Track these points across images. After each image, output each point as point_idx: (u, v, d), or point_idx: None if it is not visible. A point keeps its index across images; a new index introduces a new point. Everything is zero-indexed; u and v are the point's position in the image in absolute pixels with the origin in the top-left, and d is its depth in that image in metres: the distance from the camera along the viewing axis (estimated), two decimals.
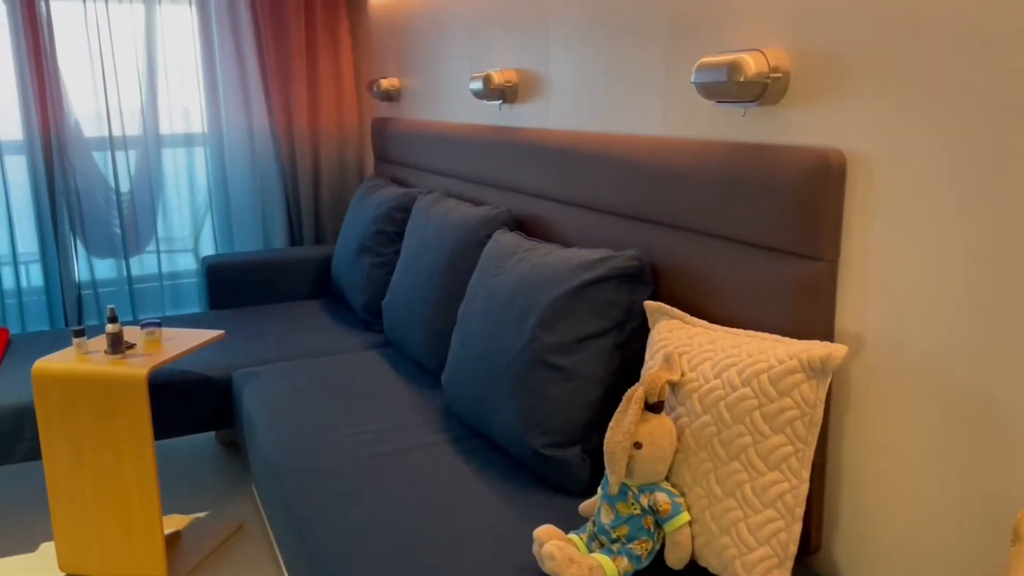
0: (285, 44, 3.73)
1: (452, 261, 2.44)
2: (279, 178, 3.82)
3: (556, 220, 2.28)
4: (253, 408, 2.36)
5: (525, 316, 1.88)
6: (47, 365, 2.25)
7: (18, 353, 2.84)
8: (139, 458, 2.24)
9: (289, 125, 3.84)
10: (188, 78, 3.68)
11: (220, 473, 3.00)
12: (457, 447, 2.03)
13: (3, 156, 3.35)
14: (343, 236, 3.33)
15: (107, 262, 3.65)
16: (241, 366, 2.73)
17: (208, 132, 3.72)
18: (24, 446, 2.46)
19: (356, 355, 2.76)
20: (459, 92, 2.94)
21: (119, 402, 2.22)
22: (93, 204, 3.54)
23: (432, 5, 3.07)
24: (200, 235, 3.91)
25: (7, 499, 2.82)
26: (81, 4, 3.39)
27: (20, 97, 3.33)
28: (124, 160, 3.57)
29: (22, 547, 2.53)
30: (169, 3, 3.56)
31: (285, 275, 3.56)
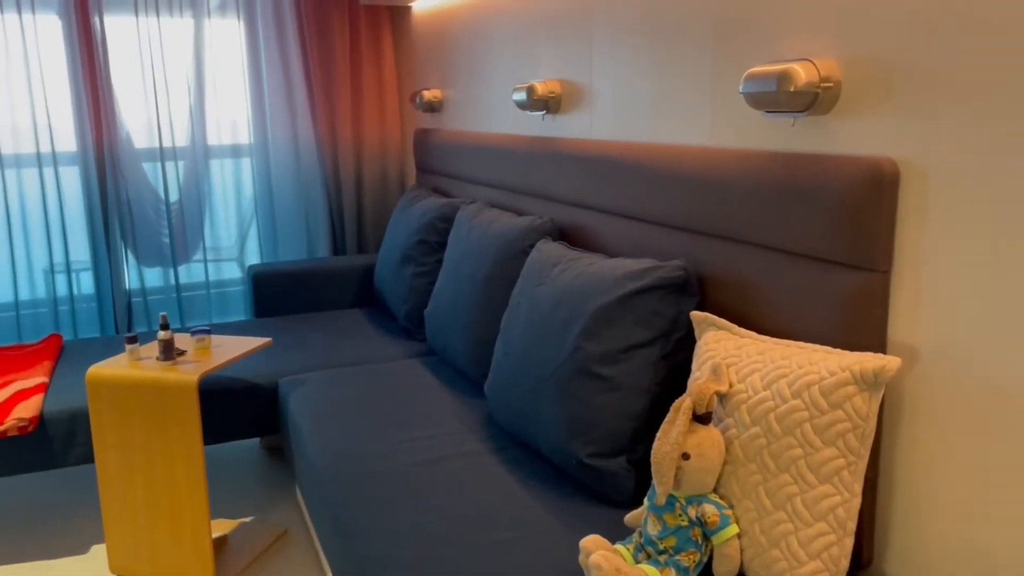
0: (330, 57, 3.79)
1: (495, 271, 2.45)
2: (323, 188, 3.88)
3: (599, 230, 2.29)
4: (299, 415, 2.39)
5: (569, 326, 1.88)
6: (101, 371, 2.31)
7: (71, 359, 2.92)
8: (189, 463, 2.29)
9: (333, 136, 3.89)
10: (236, 90, 3.75)
11: (264, 479, 3.05)
12: (500, 456, 2.04)
13: (58, 167, 3.45)
14: (386, 246, 3.37)
15: (155, 270, 3.73)
16: (287, 373, 2.77)
17: (254, 143, 3.79)
18: (78, 450, 2.52)
19: (399, 363, 2.78)
20: (502, 103, 2.96)
21: (170, 407, 2.26)
22: (143, 214, 3.63)
23: (476, 17, 3.10)
24: (245, 244, 3.98)
25: (60, 501, 2.89)
26: (134, 18, 3.48)
27: (75, 110, 3.42)
28: (173, 171, 3.65)
29: (73, 549, 2.59)
30: (218, 17, 3.65)
31: (328, 284, 3.60)
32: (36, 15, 3.31)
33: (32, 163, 3.41)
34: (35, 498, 2.92)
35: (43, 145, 3.40)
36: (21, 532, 2.69)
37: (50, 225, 3.47)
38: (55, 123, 3.42)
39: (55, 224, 3.48)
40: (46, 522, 2.75)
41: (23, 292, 3.49)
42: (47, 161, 3.43)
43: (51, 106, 3.40)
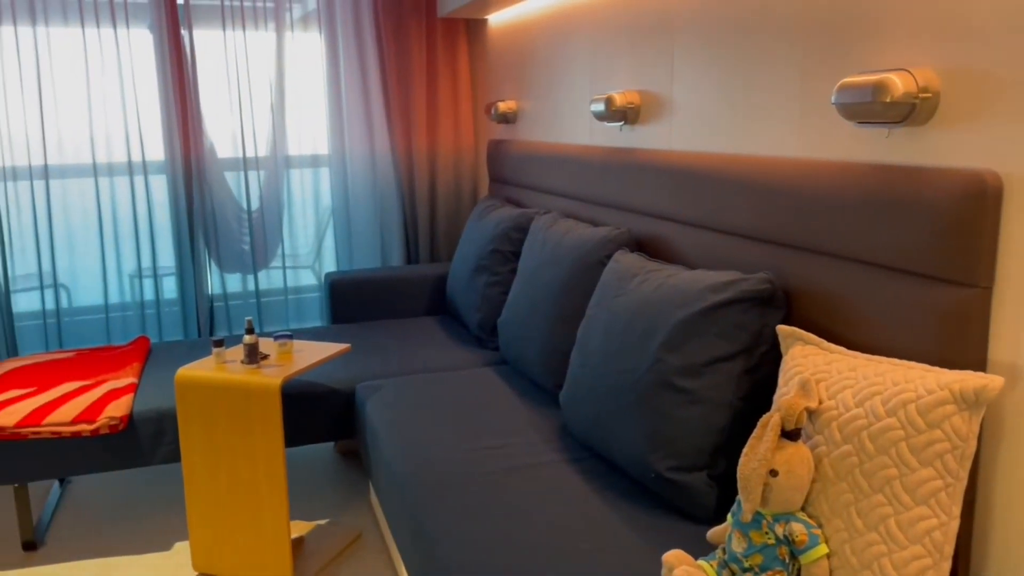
0: (407, 70, 3.86)
1: (571, 281, 2.45)
2: (398, 198, 3.94)
3: (678, 241, 2.27)
4: (376, 419, 2.43)
5: (649, 337, 1.87)
6: (189, 373, 2.39)
7: (158, 360, 3.03)
8: (271, 464, 2.34)
9: (408, 147, 3.96)
10: (316, 102, 3.85)
11: (338, 482, 3.10)
12: (576, 467, 2.04)
13: (148, 176, 3.59)
14: (459, 255, 3.40)
15: (235, 276, 3.85)
16: (363, 379, 2.82)
17: (332, 153, 3.88)
18: (164, 449, 2.61)
19: (472, 372, 2.81)
20: (578, 114, 2.96)
21: (254, 410, 2.33)
22: (225, 222, 3.74)
23: (553, 29, 3.12)
24: (320, 252, 4.07)
25: (146, 499, 3.00)
26: (221, 32, 3.61)
27: (163, 121, 3.56)
28: (254, 180, 3.76)
29: (158, 545, 2.68)
30: (301, 31, 3.75)
31: (402, 292, 3.66)
32: (130, 30, 3.46)
33: (124, 171, 3.56)
34: (123, 495, 3.03)
35: (134, 154, 3.55)
36: (109, 527, 2.80)
37: (139, 231, 3.61)
38: (145, 133, 3.56)
39: (144, 231, 3.62)
40: (133, 518, 2.86)
41: (112, 295, 3.63)
42: (137, 170, 3.57)
43: (142, 117, 3.54)
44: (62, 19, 3.39)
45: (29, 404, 2.55)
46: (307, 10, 3.77)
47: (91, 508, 2.92)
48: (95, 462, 2.56)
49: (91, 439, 2.53)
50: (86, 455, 2.55)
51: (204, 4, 3.57)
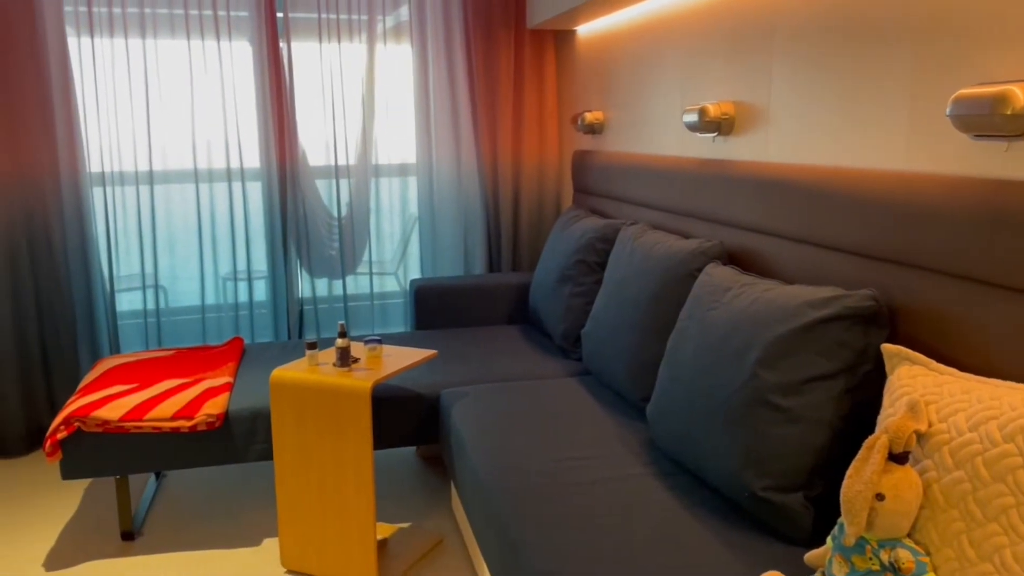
0: (494, 80, 3.90)
1: (659, 293, 2.43)
2: (482, 207, 3.98)
3: (774, 255, 2.22)
4: (462, 426, 2.45)
5: (744, 353, 1.84)
6: (283, 374, 2.46)
7: (252, 361, 3.12)
8: (359, 466, 2.39)
9: (494, 157, 3.99)
10: (405, 112, 3.93)
11: (420, 487, 3.14)
12: (665, 482, 2.01)
13: (245, 183, 3.72)
14: (542, 265, 3.41)
15: (322, 281, 3.95)
16: (448, 385, 2.85)
17: (419, 163, 3.94)
18: (257, 447, 2.69)
19: (556, 381, 2.80)
20: (668, 124, 2.94)
21: (345, 412, 2.38)
22: (315, 228, 3.85)
23: (643, 39, 3.11)
24: (406, 259, 4.15)
25: (237, 495, 3.09)
26: (317, 44, 3.72)
27: (260, 129, 3.68)
28: (343, 188, 3.86)
29: (247, 541, 2.76)
30: (393, 43, 3.83)
31: (484, 300, 3.69)
32: (232, 42, 3.60)
33: (222, 178, 3.70)
34: (216, 490, 3.13)
35: (232, 161, 3.68)
36: (202, 521, 2.89)
37: (235, 236, 3.74)
38: (243, 141, 3.69)
39: (239, 235, 3.75)
40: (224, 514, 2.95)
41: (208, 297, 3.77)
42: (235, 176, 3.70)
43: (241, 126, 3.67)
44: (169, 32, 3.55)
45: (132, 400, 2.66)
46: (399, 21, 3.85)
47: (185, 502, 3.03)
48: (191, 457, 2.66)
49: (188, 435, 2.63)
50: (183, 450, 2.65)
51: (302, 17, 3.69)
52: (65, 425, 2.53)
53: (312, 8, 3.68)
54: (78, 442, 2.56)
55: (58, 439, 2.52)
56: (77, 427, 2.53)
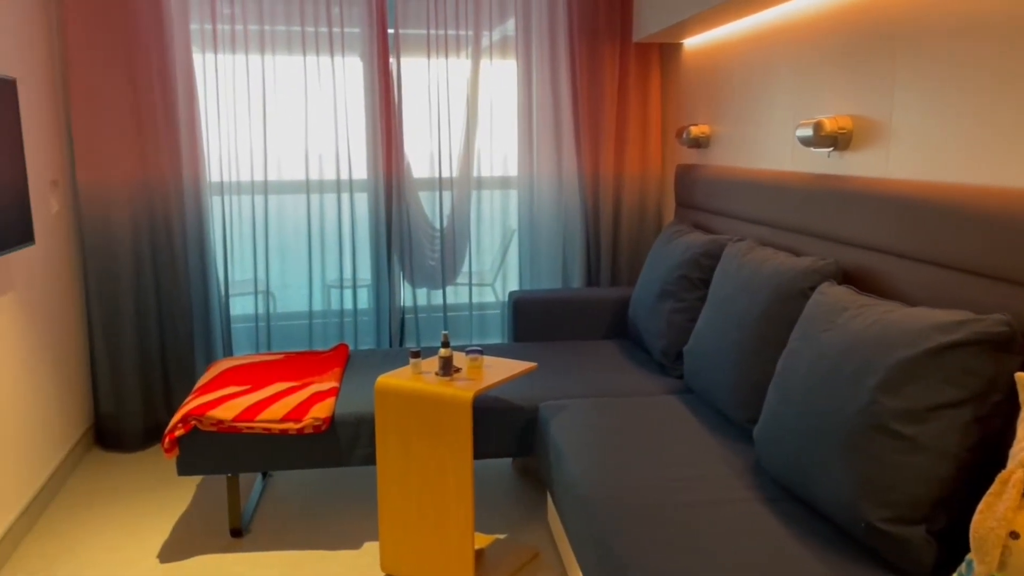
0: (599, 93, 3.89)
1: (768, 311, 2.36)
2: (582, 221, 3.97)
3: (894, 275, 2.13)
4: (561, 440, 2.44)
5: (863, 377, 1.76)
6: (388, 381, 2.51)
7: (357, 367, 3.20)
8: (459, 475, 2.41)
9: (595, 171, 3.98)
10: (508, 125, 3.97)
11: (515, 499, 3.14)
12: (772, 508, 1.94)
13: (353, 193, 3.83)
14: (643, 280, 3.37)
15: (422, 290, 4.02)
16: (547, 398, 2.85)
17: (520, 175, 3.97)
18: (360, 451, 2.75)
19: (656, 399, 2.76)
20: (779, 139, 2.86)
21: (446, 421, 2.41)
22: (417, 238, 3.92)
23: (753, 51, 3.04)
24: (504, 271, 4.17)
25: (340, 498, 3.17)
26: (425, 59, 3.80)
27: (369, 142, 3.79)
28: (447, 200, 3.92)
29: (348, 543, 2.82)
30: (499, 58, 3.88)
31: (583, 314, 3.67)
32: (345, 58, 3.72)
33: (332, 189, 3.82)
34: (319, 492, 3.22)
35: (342, 173, 3.80)
36: (305, 522, 2.98)
37: (342, 245, 3.85)
38: (353, 153, 3.80)
39: (346, 244, 3.86)
40: (327, 516, 3.03)
41: (314, 304, 3.89)
42: (344, 187, 3.82)
43: (351, 138, 3.78)
44: (287, 49, 3.70)
45: (244, 401, 2.77)
46: (504, 36, 3.90)
47: (289, 502, 3.13)
48: (297, 459, 2.74)
49: (296, 437, 2.72)
50: (290, 452, 2.74)
51: (412, 34, 3.78)
52: (183, 423, 2.65)
53: (422, 25, 3.77)
54: (194, 440, 2.68)
55: (176, 436, 2.65)
56: (194, 425, 2.65)
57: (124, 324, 3.58)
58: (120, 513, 3.04)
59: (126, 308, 3.57)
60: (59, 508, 3.08)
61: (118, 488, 3.25)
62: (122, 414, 3.62)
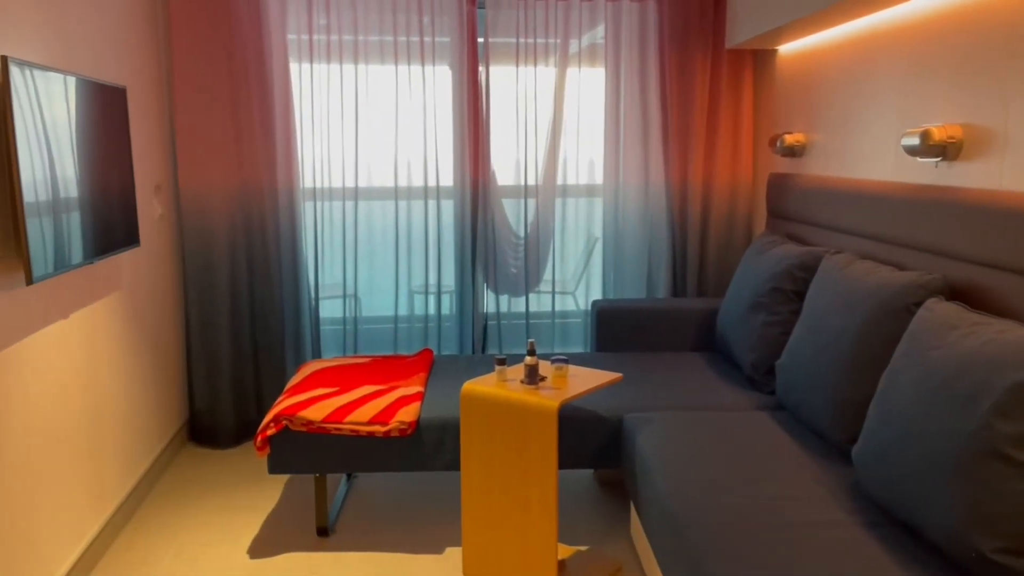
0: (688, 101, 3.83)
1: (869, 327, 2.27)
2: (668, 230, 3.91)
3: (1007, 293, 2.01)
4: (647, 453, 2.40)
5: (975, 399, 1.67)
6: (473, 388, 2.52)
7: (441, 372, 3.23)
8: (543, 484, 2.40)
9: (683, 180, 3.92)
10: (594, 133, 3.94)
11: (598, 510, 3.11)
12: (872, 532, 1.86)
13: (440, 201, 3.87)
14: (733, 291, 3.29)
15: (503, 297, 4.02)
16: (632, 410, 2.81)
17: (606, 183, 3.94)
18: (444, 457, 2.76)
19: (746, 414, 2.69)
20: (882, 148, 2.75)
21: (531, 429, 2.40)
22: (500, 245, 3.93)
23: (854, 57, 2.94)
24: (588, 280, 4.14)
25: (422, 502, 3.20)
26: (513, 68, 3.81)
27: (456, 150, 3.82)
28: (531, 208, 3.92)
29: (431, 547, 2.83)
30: (587, 65, 3.87)
31: (668, 325, 3.61)
32: (435, 67, 3.77)
33: (419, 195, 3.87)
34: (402, 496, 3.25)
35: (430, 180, 3.84)
36: (388, 524, 3.01)
37: (428, 251, 3.90)
38: (440, 161, 3.84)
39: (432, 250, 3.90)
40: (410, 519, 3.05)
41: (400, 308, 3.95)
42: (431, 194, 3.86)
43: (439, 146, 3.83)
44: (379, 58, 3.77)
45: (333, 402, 2.82)
46: (593, 43, 3.88)
47: (373, 504, 3.17)
48: (383, 461, 2.78)
49: (382, 440, 2.75)
50: (376, 454, 2.77)
51: (501, 42, 3.80)
52: (275, 423, 2.72)
53: (511, 33, 3.78)
54: (285, 439, 2.74)
55: (268, 435, 2.71)
56: (285, 425, 2.72)
57: (219, 324, 3.70)
58: (212, 508, 3.14)
59: (222, 308, 3.70)
60: (155, 501, 3.20)
61: (210, 483, 3.36)
62: (215, 411, 3.74)
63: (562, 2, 3.76)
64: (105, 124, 2.66)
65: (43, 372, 2.38)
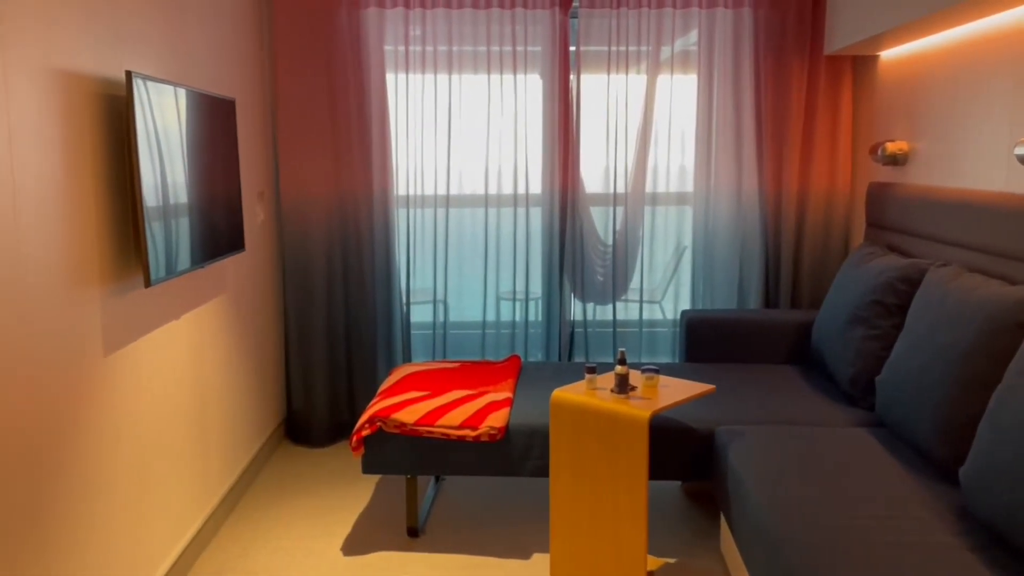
0: (784, 108, 3.76)
1: (979, 343, 2.18)
2: (761, 240, 3.84)
3: None
4: (741, 467, 2.36)
5: None
6: (563, 395, 2.53)
7: (529, 378, 3.25)
8: (633, 495, 2.39)
9: (778, 188, 3.84)
10: (685, 141, 3.91)
11: (685, 523, 3.07)
12: (981, 556, 1.79)
13: (528, 208, 3.90)
14: (830, 303, 3.21)
15: (590, 305, 4.01)
16: (723, 422, 2.77)
17: (696, 191, 3.89)
18: (532, 463, 2.78)
19: (844, 430, 2.61)
20: (992, 157, 2.64)
21: (622, 439, 2.39)
22: (587, 254, 3.93)
23: (963, 62, 2.83)
24: (676, 289, 4.10)
25: (510, 507, 3.22)
26: (604, 76, 3.82)
27: (546, 158, 3.85)
28: (618, 216, 3.91)
29: (518, 553, 2.86)
30: (679, 72, 3.84)
31: (761, 336, 3.54)
32: (526, 75, 3.80)
33: (509, 203, 3.91)
34: (490, 500, 3.29)
35: (519, 188, 3.88)
36: (476, 528, 3.05)
37: (516, 258, 3.93)
38: (530, 169, 3.88)
39: (520, 257, 3.94)
40: (497, 524, 3.09)
41: (487, 314, 3.99)
42: (520, 202, 3.90)
43: (529, 154, 3.86)
44: (472, 68, 3.84)
45: (425, 406, 2.88)
46: (686, 49, 3.84)
47: (461, 507, 3.21)
48: (471, 465, 2.82)
49: (471, 444, 2.79)
50: (465, 458, 2.81)
51: (593, 51, 3.81)
52: (369, 424, 2.79)
53: (603, 42, 3.79)
54: (378, 440, 2.81)
55: (363, 436, 2.79)
56: (379, 426, 2.79)
57: (315, 327, 3.82)
58: (307, 505, 3.24)
59: (318, 312, 3.82)
60: (254, 496, 3.32)
61: (305, 481, 3.47)
62: (310, 411, 3.86)
63: (655, 10, 3.75)
64: (216, 134, 2.79)
65: (156, 370, 2.51)
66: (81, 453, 2.05)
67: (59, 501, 1.95)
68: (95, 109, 2.15)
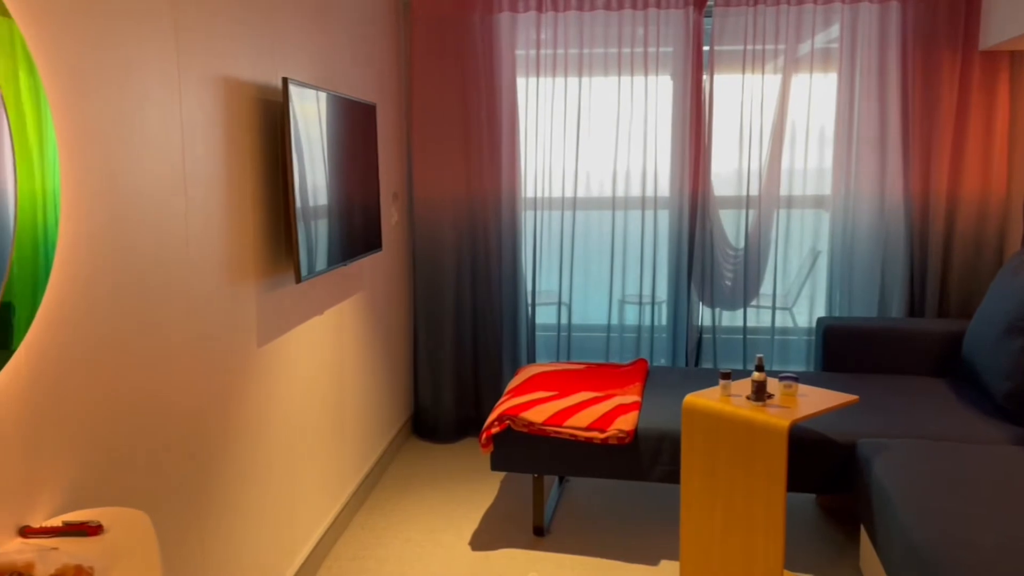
0: (932, 107, 3.56)
1: None
2: (905, 245, 3.65)
3: None
4: (887, 482, 2.25)
5: None
6: (696, 401, 2.48)
7: (656, 383, 3.21)
8: (770, 506, 2.32)
9: (925, 191, 3.64)
10: (821, 142, 3.76)
11: (821, 537, 2.95)
12: None
13: (656, 211, 3.86)
14: (984, 313, 3.01)
15: (718, 311, 3.92)
16: (867, 435, 2.65)
17: (835, 195, 3.74)
18: (660, 468, 2.75)
19: (1000, 448, 2.45)
20: None
21: (757, 448, 2.33)
22: (716, 257, 3.84)
23: None
24: (811, 295, 3.95)
25: (636, 511, 3.19)
26: (738, 76, 3.73)
27: (675, 160, 3.79)
28: (750, 219, 3.80)
29: (645, 558, 2.83)
30: (819, 70, 3.70)
31: (905, 347, 3.36)
32: (658, 77, 3.76)
33: (636, 206, 3.88)
34: (615, 503, 3.27)
35: (647, 190, 3.84)
36: (601, 531, 3.04)
37: (643, 261, 3.89)
38: (659, 171, 3.83)
39: (647, 261, 3.90)
40: (623, 528, 3.06)
41: (611, 317, 3.97)
42: (648, 204, 3.86)
43: (658, 156, 3.82)
44: (602, 70, 3.83)
45: (553, 406, 2.89)
46: (826, 46, 3.70)
47: (587, 509, 3.21)
48: (598, 467, 2.81)
49: (598, 446, 2.78)
50: (592, 460, 2.81)
51: (727, 50, 3.73)
52: (499, 422, 2.83)
53: (738, 41, 3.70)
54: (507, 439, 2.85)
55: (492, 433, 2.83)
56: (508, 425, 2.82)
57: (444, 325, 3.91)
58: (435, 498, 3.32)
59: (447, 311, 3.91)
60: (384, 488, 3.43)
61: (433, 475, 3.56)
62: (438, 407, 3.95)
63: (794, 6, 3.63)
64: (357, 137, 2.90)
65: (301, 363, 2.64)
66: (238, 441, 2.18)
67: (219, 487, 2.08)
68: (252, 114, 2.29)
